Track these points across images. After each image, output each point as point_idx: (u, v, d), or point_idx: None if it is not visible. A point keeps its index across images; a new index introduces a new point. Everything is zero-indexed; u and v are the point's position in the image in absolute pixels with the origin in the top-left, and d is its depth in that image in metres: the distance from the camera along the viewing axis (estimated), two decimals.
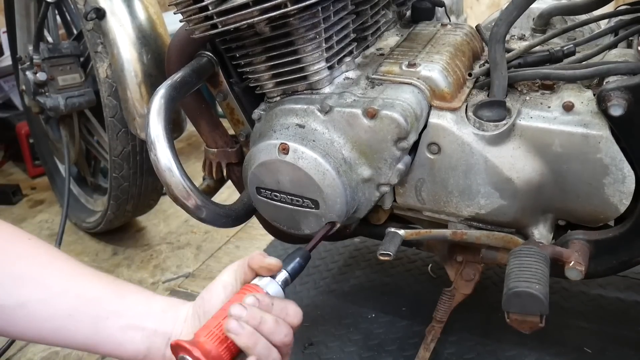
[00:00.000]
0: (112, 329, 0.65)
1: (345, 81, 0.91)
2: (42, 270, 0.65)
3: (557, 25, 1.06)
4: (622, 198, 0.80)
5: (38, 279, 0.64)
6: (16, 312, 0.63)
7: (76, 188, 1.80)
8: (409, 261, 1.41)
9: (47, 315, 0.63)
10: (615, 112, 0.74)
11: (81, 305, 0.65)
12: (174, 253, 1.63)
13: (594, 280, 1.27)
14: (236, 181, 1.10)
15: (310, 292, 1.34)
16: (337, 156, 0.85)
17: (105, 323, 0.65)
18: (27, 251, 0.66)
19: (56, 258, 0.68)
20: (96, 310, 0.65)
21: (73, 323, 0.64)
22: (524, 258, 0.77)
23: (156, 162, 0.86)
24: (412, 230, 0.91)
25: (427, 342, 1.06)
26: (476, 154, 0.83)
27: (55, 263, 0.67)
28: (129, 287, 0.70)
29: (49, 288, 0.64)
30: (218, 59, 0.97)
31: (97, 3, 1.20)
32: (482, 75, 0.91)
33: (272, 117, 0.89)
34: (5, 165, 2.29)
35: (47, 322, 0.64)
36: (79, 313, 0.64)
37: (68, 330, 0.64)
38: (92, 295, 0.66)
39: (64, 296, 0.64)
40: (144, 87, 1.17)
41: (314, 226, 0.89)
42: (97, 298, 0.66)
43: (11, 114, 2.23)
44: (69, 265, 0.67)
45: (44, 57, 1.45)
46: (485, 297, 1.23)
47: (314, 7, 0.80)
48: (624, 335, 1.14)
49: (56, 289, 0.64)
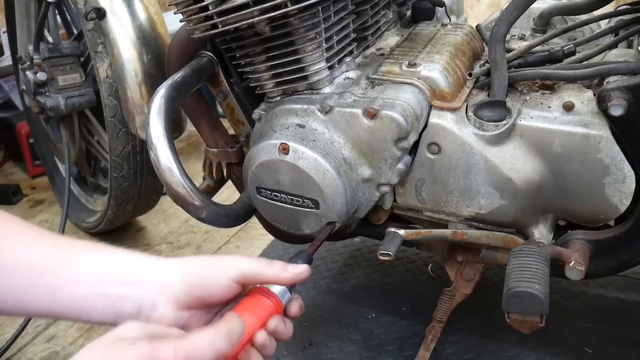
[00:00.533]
0: (71, 297, 0.62)
1: (346, 81, 0.91)
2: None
3: (557, 25, 1.06)
4: (622, 198, 0.80)
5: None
6: None
7: (76, 188, 1.80)
8: (409, 261, 1.41)
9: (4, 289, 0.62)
10: (616, 112, 0.74)
11: (36, 276, 0.62)
12: (174, 253, 1.63)
13: (594, 280, 1.27)
14: (236, 181, 1.10)
15: (310, 292, 1.34)
16: (337, 156, 0.85)
17: (62, 292, 0.62)
18: None
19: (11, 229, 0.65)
20: (51, 280, 0.62)
21: (30, 295, 0.62)
22: (524, 258, 0.77)
23: (156, 162, 0.86)
24: (412, 230, 0.91)
25: (427, 342, 1.06)
26: (476, 154, 0.83)
27: (12, 236, 0.65)
28: (85, 248, 0.66)
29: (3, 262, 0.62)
30: (218, 59, 0.97)
31: (97, 3, 1.19)
32: (482, 75, 0.91)
33: (272, 117, 0.89)
34: (5, 165, 2.29)
35: (6, 295, 0.62)
36: (34, 285, 0.62)
37: (28, 301, 0.62)
38: (46, 264, 0.63)
39: (18, 269, 0.62)
40: (144, 87, 1.17)
41: (314, 226, 0.89)
42: (52, 267, 0.63)
43: (11, 114, 2.23)
44: (25, 236, 0.65)
45: (44, 57, 1.45)
46: (486, 297, 1.23)
47: (314, 7, 0.80)
48: (624, 335, 1.14)
49: (10, 262, 0.62)
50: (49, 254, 0.64)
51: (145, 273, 0.64)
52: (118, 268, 0.64)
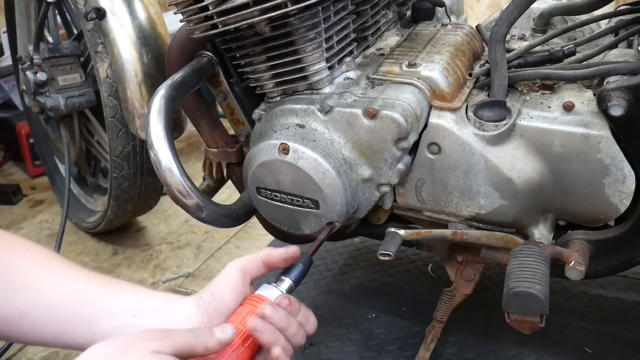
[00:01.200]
0: (107, 328, 0.66)
1: (346, 81, 0.91)
2: (39, 278, 0.67)
3: (557, 25, 1.06)
4: (622, 198, 0.80)
5: (35, 287, 0.66)
6: (18, 321, 0.65)
7: (76, 188, 1.80)
8: (409, 261, 1.41)
9: (46, 320, 0.66)
10: (616, 112, 0.74)
11: (76, 307, 0.66)
12: (174, 253, 1.63)
13: (594, 280, 1.27)
14: (236, 181, 1.10)
15: (310, 292, 1.34)
16: (337, 156, 0.85)
17: (99, 324, 0.66)
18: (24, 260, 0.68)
19: (53, 264, 0.69)
20: (90, 312, 0.66)
21: (70, 326, 0.66)
22: (524, 258, 0.77)
23: (156, 162, 0.86)
24: (412, 230, 0.91)
25: (427, 342, 1.06)
26: (476, 154, 0.83)
27: (52, 269, 0.68)
28: (123, 286, 0.71)
29: (45, 295, 0.66)
30: (218, 59, 0.97)
31: (97, 3, 1.20)
32: (482, 75, 0.91)
33: (272, 117, 0.89)
34: (6, 165, 2.30)
35: (47, 327, 0.66)
36: (74, 316, 0.66)
37: (66, 333, 0.66)
38: (86, 297, 0.67)
39: (60, 301, 0.66)
40: (144, 87, 1.17)
41: (314, 226, 0.89)
42: (91, 299, 0.67)
43: (11, 114, 2.23)
44: (64, 270, 0.69)
45: (44, 57, 1.45)
46: (486, 297, 1.23)
47: (314, 7, 0.80)
48: (624, 335, 1.14)
49: (52, 294, 0.66)
50: (89, 288, 0.68)
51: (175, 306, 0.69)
52: (152, 303, 0.69)
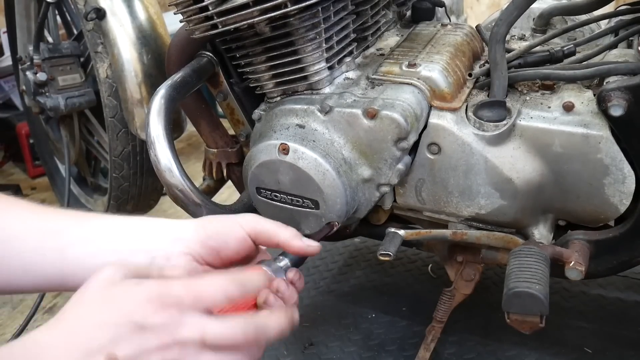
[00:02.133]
0: (81, 255, 0.60)
1: (346, 81, 0.91)
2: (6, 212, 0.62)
3: (557, 25, 1.06)
4: (622, 198, 0.80)
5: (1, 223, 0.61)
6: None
7: (76, 188, 1.80)
8: (409, 261, 1.41)
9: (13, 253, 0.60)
10: (616, 112, 0.74)
11: (45, 237, 0.61)
12: None
13: (594, 280, 1.27)
14: (236, 181, 1.10)
15: (310, 292, 1.34)
16: (337, 156, 0.85)
17: (72, 250, 0.60)
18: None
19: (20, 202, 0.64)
20: (61, 240, 0.61)
21: (39, 256, 0.60)
22: (524, 258, 0.77)
23: (156, 162, 0.86)
24: (412, 230, 0.91)
25: (427, 342, 1.06)
26: (476, 154, 0.83)
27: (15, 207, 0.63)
28: (96, 215, 0.65)
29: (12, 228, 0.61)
30: (218, 59, 0.97)
31: (97, 3, 1.19)
32: (482, 75, 0.91)
33: (272, 117, 0.89)
34: (6, 165, 2.30)
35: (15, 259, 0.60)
36: (43, 246, 0.60)
37: (36, 264, 0.61)
38: (56, 227, 0.62)
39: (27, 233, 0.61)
40: (144, 87, 1.17)
41: (314, 226, 0.89)
42: (61, 229, 0.62)
43: (11, 114, 2.23)
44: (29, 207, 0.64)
45: (44, 57, 1.45)
46: (486, 297, 1.23)
47: (314, 7, 0.80)
48: (624, 335, 1.14)
49: (18, 227, 0.61)
50: (58, 220, 0.62)
51: (158, 228, 0.62)
52: (129, 226, 0.62)
